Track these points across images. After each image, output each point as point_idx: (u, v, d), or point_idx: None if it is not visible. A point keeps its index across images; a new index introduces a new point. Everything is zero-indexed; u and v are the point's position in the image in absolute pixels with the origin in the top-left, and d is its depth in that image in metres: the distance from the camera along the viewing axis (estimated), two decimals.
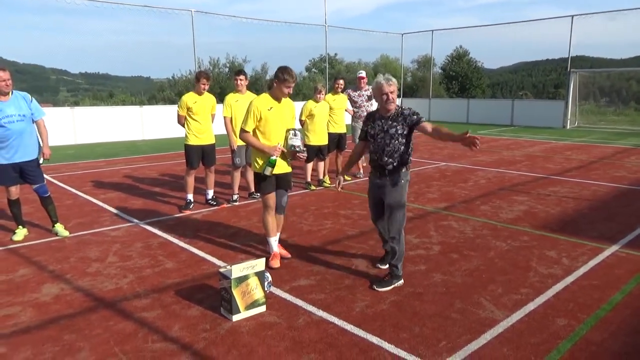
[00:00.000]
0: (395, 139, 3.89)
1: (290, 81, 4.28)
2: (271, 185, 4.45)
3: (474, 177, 8.64)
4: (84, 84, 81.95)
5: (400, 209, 3.97)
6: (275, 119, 4.38)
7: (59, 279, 4.16)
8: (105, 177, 8.93)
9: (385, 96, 3.86)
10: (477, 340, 3.12)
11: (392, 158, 3.93)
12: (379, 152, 3.97)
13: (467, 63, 35.43)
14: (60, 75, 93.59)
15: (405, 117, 3.88)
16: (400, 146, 3.91)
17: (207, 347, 3.06)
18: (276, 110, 4.39)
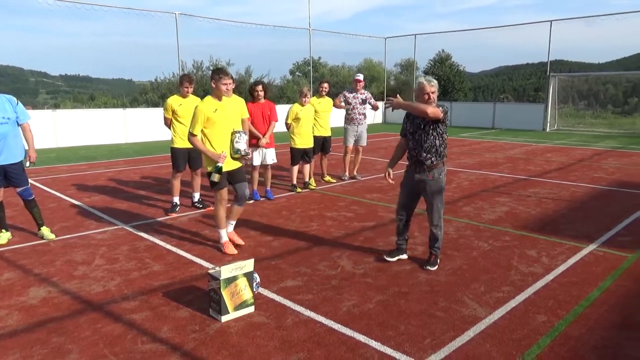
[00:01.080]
0: (431, 136, 4.24)
1: (225, 78, 4.54)
2: (223, 181, 4.71)
3: (457, 179, 8.79)
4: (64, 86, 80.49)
5: (441, 200, 4.40)
6: (221, 119, 4.61)
7: (45, 282, 4.14)
8: (89, 180, 8.87)
9: (427, 96, 4.19)
10: (460, 337, 3.22)
11: (430, 153, 4.27)
12: (418, 149, 4.32)
13: (450, 67, 35.90)
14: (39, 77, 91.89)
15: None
16: (435, 141, 4.25)
17: (196, 348, 3.10)
18: (221, 110, 4.62)
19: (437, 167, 4.33)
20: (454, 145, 14.15)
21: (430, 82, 4.22)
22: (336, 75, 34.03)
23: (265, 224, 5.94)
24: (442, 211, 4.46)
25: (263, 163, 7.09)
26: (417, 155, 4.34)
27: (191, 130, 4.59)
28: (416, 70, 29.10)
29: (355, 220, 6.10)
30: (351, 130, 8.62)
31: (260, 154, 7.02)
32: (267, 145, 7.02)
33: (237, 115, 4.80)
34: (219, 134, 4.66)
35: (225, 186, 4.76)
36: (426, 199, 4.45)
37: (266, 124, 7.01)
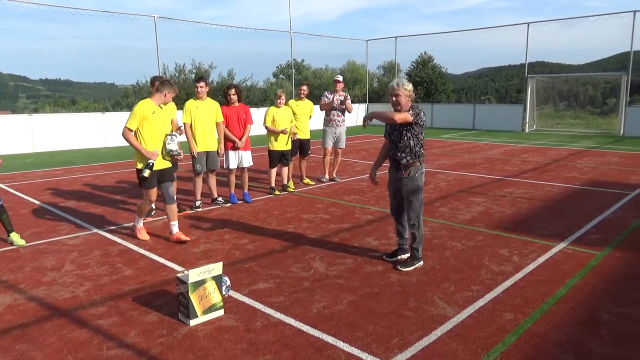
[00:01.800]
0: (405, 136, 4.33)
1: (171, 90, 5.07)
2: (153, 181, 5.11)
3: (435, 180, 8.87)
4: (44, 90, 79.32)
5: (417, 199, 4.44)
6: (157, 121, 5.03)
7: (12, 289, 4.08)
8: (64, 185, 8.75)
9: (394, 97, 4.31)
10: (428, 337, 3.24)
11: (404, 153, 4.37)
12: (394, 149, 4.44)
13: (432, 69, 36.11)
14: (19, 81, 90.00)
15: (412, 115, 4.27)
16: (409, 142, 4.34)
17: (163, 352, 3.08)
18: (158, 114, 5.05)
19: (413, 165, 4.40)
20: (435, 146, 14.28)
21: (397, 85, 4.29)
22: (319, 77, 34.13)
23: (241, 227, 5.93)
24: (419, 211, 4.48)
25: (239, 166, 7.07)
26: (393, 154, 4.47)
27: (127, 125, 4.93)
28: (398, 72, 29.30)
29: (331, 222, 6.11)
30: (330, 132, 8.64)
31: (237, 157, 7.00)
32: (243, 148, 7.01)
33: (171, 120, 5.33)
34: (154, 134, 5.04)
35: (155, 186, 5.17)
36: (404, 197, 4.49)
37: (241, 127, 6.99)
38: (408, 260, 4.52)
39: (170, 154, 5.18)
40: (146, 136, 5.01)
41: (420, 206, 4.48)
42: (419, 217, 4.48)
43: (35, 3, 14.16)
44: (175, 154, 5.18)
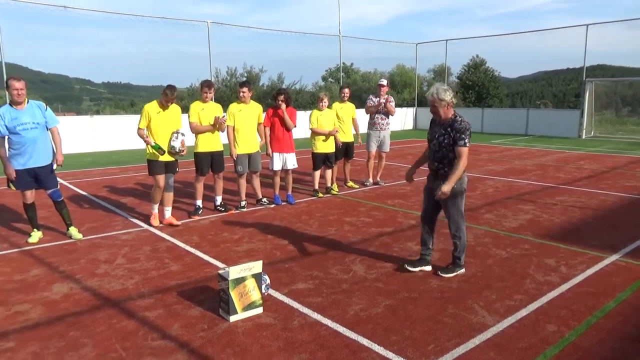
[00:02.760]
0: (443, 147, 4.16)
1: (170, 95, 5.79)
2: (160, 169, 5.95)
3: (482, 186, 8.66)
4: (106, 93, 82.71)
5: (456, 211, 4.31)
6: (161, 120, 5.87)
7: (68, 279, 4.35)
8: (119, 183, 9.20)
9: (430, 106, 4.20)
10: (465, 344, 3.19)
11: (441, 164, 4.22)
12: (431, 157, 4.33)
13: (484, 72, 35.23)
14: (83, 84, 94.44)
15: (453, 129, 4.10)
16: (448, 153, 4.15)
17: (203, 346, 3.20)
18: (162, 114, 5.88)
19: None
20: (483, 151, 13.93)
21: (432, 93, 4.14)
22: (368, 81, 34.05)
23: (284, 228, 6.03)
24: (460, 222, 4.35)
25: (284, 168, 7.20)
26: (430, 163, 4.36)
27: (139, 125, 5.90)
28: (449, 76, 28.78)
29: (373, 225, 6.11)
30: (374, 136, 8.63)
31: (281, 159, 7.14)
32: (288, 151, 7.13)
33: (176, 119, 6.05)
34: (160, 131, 5.89)
35: (162, 174, 5.97)
36: (444, 209, 4.39)
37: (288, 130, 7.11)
38: (450, 267, 4.44)
39: (172, 150, 5.86)
40: (154, 132, 5.89)
41: (460, 217, 4.35)
42: (459, 228, 4.36)
43: (100, 11, 14.98)
44: (176, 150, 5.85)
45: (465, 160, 4.09)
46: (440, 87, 4.15)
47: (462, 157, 4.08)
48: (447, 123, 4.16)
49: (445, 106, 4.14)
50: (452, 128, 4.12)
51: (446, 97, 4.10)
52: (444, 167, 4.22)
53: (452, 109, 4.21)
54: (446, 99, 4.10)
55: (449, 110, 4.18)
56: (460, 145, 4.07)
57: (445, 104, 4.12)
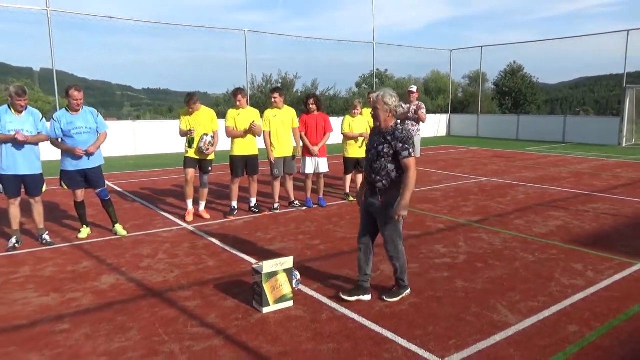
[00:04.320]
0: (382, 157, 3.82)
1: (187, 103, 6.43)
2: (189, 164, 6.60)
3: (514, 192, 8.66)
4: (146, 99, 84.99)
5: (394, 231, 3.94)
6: (193, 123, 6.53)
7: (115, 271, 4.70)
8: (160, 185, 9.66)
9: (372, 107, 3.90)
10: (486, 341, 3.32)
11: (379, 176, 3.84)
12: (367, 169, 3.97)
13: (522, 78, 34.67)
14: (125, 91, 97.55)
15: (395, 138, 3.78)
16: (387, 164, 3.81)
17: (237, 334, 3.45)
18: (193, 117, 6.56)
19: (390, 192, 3.84)
20: (518, 159, 13.81)
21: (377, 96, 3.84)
22: (402, 87, 34.01)
23: (315, 229, 6.26)
24: (397, 241, 3.97)
25: (316, 172, 7.43)
26: (367, 175, 3.97)
27: (180, 127, 6.60)
28: (485, 82, 28.51)
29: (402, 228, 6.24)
30: None
31: (314, 163, 7.38)
32: (320, 155, 7.37)
33: (208, 121, 6.66)
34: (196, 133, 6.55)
35: (193, 168, 6.59)
36: (379, 226, 4.00)
37: (319, 135, 7.36)
38: (394, 290, 4.10)
39: (200, 150, 6.51)
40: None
41: (398, 237, 3.97)
42: (396, 248, 3.98)
43: (143, 21, 15.69)
44: (203, 150, 6.49)
45: (414, 172, 3.77)
46: (388, 91, 3.86)
47: (411, 169, 3.74)
48: (387, 131, 3.83)
49: (388, 112, 3.81)
50: (393, 137, 3.79)
51: (390, 103, 3.80)
52: (382, 180, 3.83)
53: (393, 119, 3.87)
54: (390, 104, 3.80)
55: (390, 118, 3.84)
56: (405, 156, 3.74)
57: (388, 109, 3.80)
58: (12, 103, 5.25)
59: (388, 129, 3.85)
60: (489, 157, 14.18)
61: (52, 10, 13.03)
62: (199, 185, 6.82)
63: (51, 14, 13.04)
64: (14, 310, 3.83)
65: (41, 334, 3.46)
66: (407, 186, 3.74)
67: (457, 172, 11.21)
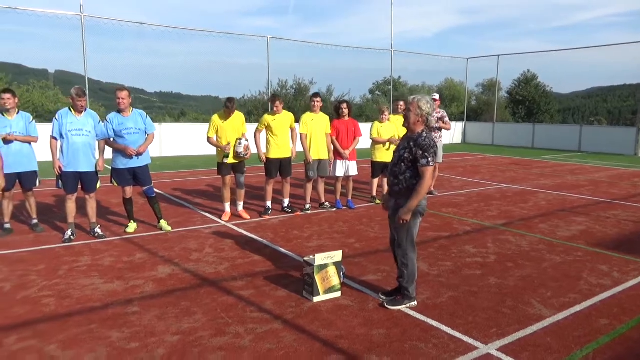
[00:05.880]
0: (402, 162, 3.89)
1: (230, 107, 6.67)
2: (227, 170, 6.92)
3: (535, 198, 8.91)
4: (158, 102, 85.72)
5: (405, 235, 3.95)
6: (227, 128, 6.78)
7: (169, 263, 5.05)
8: (190, 185, 10.03)
9: (405, 108, 3.98)
10: (524, 330, 3.61)
11: (397, 179, 3.91)
12: (389, 170, 4.08)
13: (535, 87, 34.80)
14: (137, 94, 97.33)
15: (416, 144, 3.83)
16: (406, 170, 3.86)
17: (294, 319, 3.77)
18: (227, 122, 6.77)
19: (404, 196, 3.89)
20: (535, 166, 14.03)
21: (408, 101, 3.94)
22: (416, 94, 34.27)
23: (348, 229, 6.57)
24: (408, 247, 3.97)
25: (346, 174, 7.76)
26: (388, 179, 4.12)
27: (207, 134, 6.89)
28: (499, 90, 28.69)
29: (430, 230, 6.55)
30: None
31: (344, 166, 7.70)
32: (350, 158, 7.69)
33: (240, 125, 6.91)
34: (226, 137, 6.80)
35: (229, 174, 6.94)
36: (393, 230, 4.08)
37: (350, 139, 7.69)
38: (397, 299, 4.04)
39: (238, 155, 6.80)
40: (222, 138, 6.81)
41: (409, 243, 3.97)
42: (406, 255, 3.97)
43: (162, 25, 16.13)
44: (242, 154, 6.80)
45: (429, 180, 3.79)
46: (424, 97, 3.92)
47: (425, 177, 3.77)
48: (411, 137, 3.90)
49: (419, 116, 3.87)
50: (415, 143, 3.82)
51: (424, 109, 3.85)
52: (399, 184, 3.91)
53: (423, 125, 3.92)
54: (423, 109, 3.85)
55: (419, 123, 3.90)
56: (423, 164, 3.77)
57: (420, 114, 3.85)
58: (72, 104, 5.64)
59: (413, 135, 3.92)
60: (506, 165, 14.41)
61: (85, 16, 13.51)
62: (236, 186, 7.12)
63: (85, 19, 13.52)
64: (86, 294, 4.19)
65: (115, 314, 3.80)
66: (417, 192, 3.78)
67: (476, 178, 11.47)
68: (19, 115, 6.07)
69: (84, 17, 13.50)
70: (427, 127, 3.99)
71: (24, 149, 6.04)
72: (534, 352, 3.30)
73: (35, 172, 6.20)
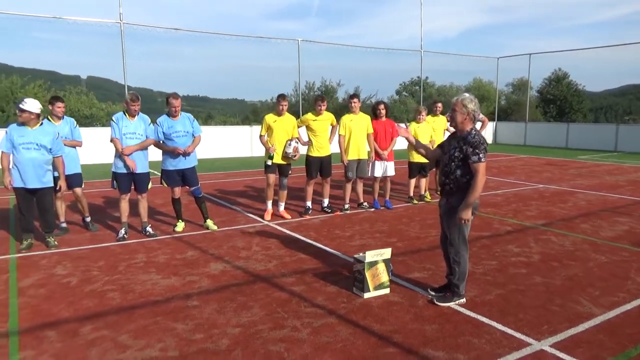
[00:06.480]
0: (452, 161, 3.95)
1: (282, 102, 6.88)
2: (273, 170, 7.05)
3: (574, 198, 8.83)
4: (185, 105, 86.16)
5: (457, 233, 4.03)
6: (278, 128, 6.95)
7: (219, 260, 5.25)
8: (229, 186, 10.29)
9: (451, 109, 4.00)
10: (575, 327, 3.66)
11: (448, 179, 3.98)
12: (440, 170, 4.20)
13: (567, 86, 34.16)
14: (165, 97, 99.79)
15: (466, 142, 3.88)
16: (456, 169, 3.92)
17: (347, 314, 3.90)
18: (279, 122, 6.96)
19: (456, 195, 3.97)
20: (571, 167, 13.83)
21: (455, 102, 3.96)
22: (444, 95, 34.04)
23: (388, 228, 6.68)
24: (460, 245, 4.07)
25: (384, 175, 7.86)
26: (438, 178, 4.22)
27: (260, 133, 7.10)
28: (530, 89, 28.27)
29: (471, 230, 6.56)
30: None
31: (382, 167, 7.81)
32: (388, 159, 7.79)
33: (290, 127, 7.06)
34: (276, 137, 6.97)
35: (273, 173, 7.07)
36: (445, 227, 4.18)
37: (387, 139, 7.79)
38: (447, 295, 4.15)
39: (286, 155, 6.93)
40: (272, 138, 6.98)
41: (462, 240, 4.07)
42: (458, 252, 4.06)
43: (191, 30, 16.53)
44: (289, 156, 6.93)
45: (483, 177, 3.82)
46: (469, 96, 3.97)
47: (479, 174, 3.80)
48: (461, 136, 3.96)
49: (465, 114, 3.90)
50: (465, 141, 3.88)
51: (469, 106, 3.89)
52: (450, 184, 3.98)
53: (471, 123, 3.96)
54: (469, 107, 3.89)
55: (467, 122, 3.94)
56: (475, 160, 3.80)
57: (466, 112, 3.89)
58: (127, 109, 5.91)
59: (463, 133, 3.96)
60: (541, 165, 14.25)
61: (124, 23, 13.98)
62: (278, 187, 7.28)
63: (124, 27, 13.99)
64: (147, 289, 4.42)
65: (177, 308, 4.01)
66: (473, 189, 3.82)
67: (511, 178, 11.40)
68: (64, 120, 6.39)
69: (122, 25, 13.97)
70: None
71: (71, 152, 6.32)
72: (588, 348, 3.35)
73: (79, 174, 6.50)
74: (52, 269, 4.97)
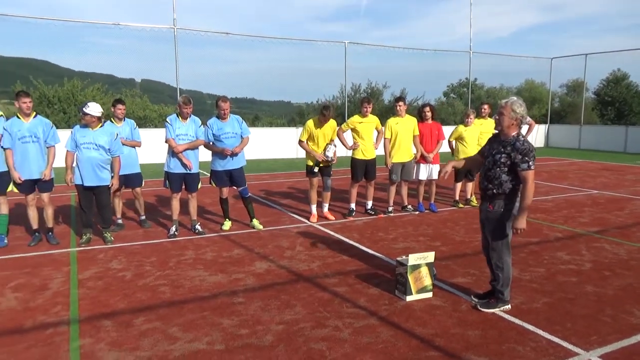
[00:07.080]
0: (497, 167, 3.87)
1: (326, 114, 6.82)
2: (313, 173, 7.03)
3: (631, 206, 8.43)
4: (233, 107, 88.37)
5: (498, 239, 3.97)
6: (319, 135, 6.98)
7: (264, 259, 5.39)
8: (274, 187, 10.48)
9: (498, 112, 3.91)
10: (627, 339, 3.53)
11: (491, 184, 3.90)
12: (482, 174, 4.05)
13: (626, 87, 32.46)
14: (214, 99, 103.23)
15: (515, 149, 3.80)
16: (501, 174, 3.86)
17: (389, 316, 3.93)
18: (321, 130, 6.96)
19: (499, 200, 3.91)
20: (629, 172, 13.17)
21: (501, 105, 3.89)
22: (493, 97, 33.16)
23: (432, 232, 6.62)
24: (503, 250, 4.00)
25: (429, 178, 7.79)
26: (481, 181, 4.05)
27: (300, 138, 7.09)
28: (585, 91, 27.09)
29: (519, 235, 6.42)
30: None
31: (427, 170, 7.74)
32: (433, 162, 7.72)
33: (331, 132, 7.06)
34: (318, 142, 7.01)
35: (317, 176, 7.07)
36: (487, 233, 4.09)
37: (433, 142, 7.72)
38: (491, 302, 4.07)
39: (326, 159, 6.98)
40: (314, 143, 7.02)
41: (504, 246, 4.00)
42: (501, 258, 3.99)
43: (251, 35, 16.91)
44: (330, 159, 6.99)
45: (532, 185, 3.77)
46: (518, 100, 3.87)
47: (529, 182, 3.75)
48: (507, 141, 3.86)
49: (513, 119, 3.82)
50: (513, 148, 3.80)
51: (518, 111, 3.81)
52: (493, 188, 3.89)
53: (517, 128, 3.89)
54: (517, 111, 3.80)
55: (514, 127, 3.86)
56: (524, 168, 3.74)
57: (514, 116, 3.81)
58: (179, 111, 6.17)
59: (509, 138, 3.86)
60: (596, 170, 13.65)
61: (178, 28, 14.52)
62: (322, 188, 7.35)
63: (177, 32, 14.53)
64: (195, 285, 4.60)
65: (223, 304, 4.16)
66: (525, 199, 3.77)
67: (564, 184, 11.00)
68: (125, 122, 6.73)
69: (176, 30, 14.51)
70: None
71: (131, 153, 6.66)
72: None
73: (139, 174, 6.83)
74: (109, 262, 5.27)
